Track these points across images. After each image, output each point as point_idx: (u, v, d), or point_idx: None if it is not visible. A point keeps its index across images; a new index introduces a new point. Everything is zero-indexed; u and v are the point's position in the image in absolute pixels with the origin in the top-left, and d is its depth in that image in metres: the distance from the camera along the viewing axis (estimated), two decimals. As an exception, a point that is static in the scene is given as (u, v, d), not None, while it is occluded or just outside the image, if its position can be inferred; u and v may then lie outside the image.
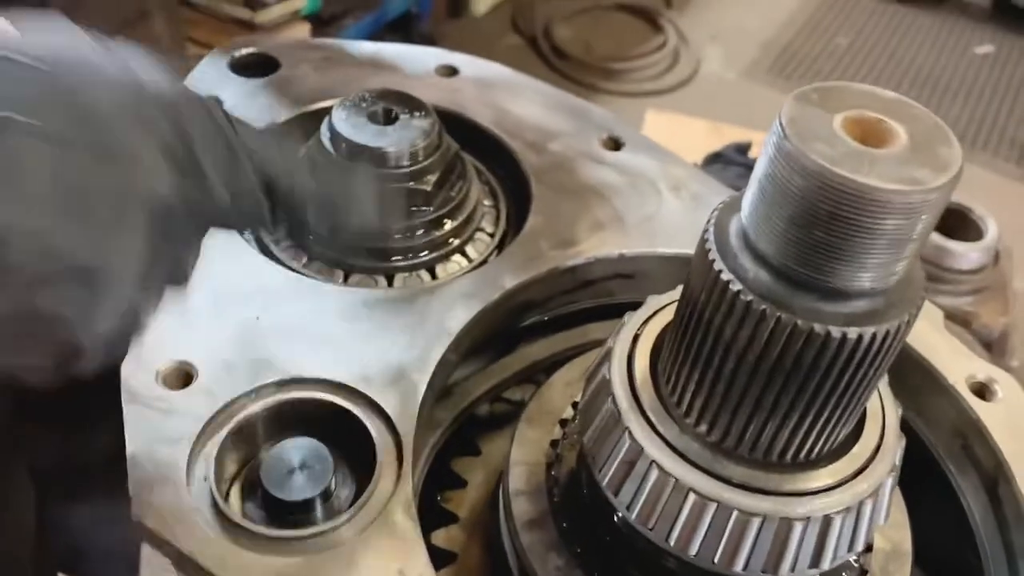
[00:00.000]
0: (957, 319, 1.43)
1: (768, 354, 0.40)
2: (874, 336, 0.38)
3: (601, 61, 3.88)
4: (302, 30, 3.03)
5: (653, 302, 0.50)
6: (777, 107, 0.40)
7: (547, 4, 4.07)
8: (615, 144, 0.73)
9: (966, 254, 1.41)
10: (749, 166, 1.74)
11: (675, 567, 0.47)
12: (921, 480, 0.60)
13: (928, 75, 4.10)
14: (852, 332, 0.38)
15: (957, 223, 1.47)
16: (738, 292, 0.39)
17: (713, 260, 0.40)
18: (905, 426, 0.60)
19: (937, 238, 1.43)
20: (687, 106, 3.61)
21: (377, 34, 3.39)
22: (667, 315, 0.49)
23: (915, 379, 0.60)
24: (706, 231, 0.42)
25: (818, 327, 0.38)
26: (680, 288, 0.46)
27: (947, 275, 1.43)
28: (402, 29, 3.63)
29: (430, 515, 0.59)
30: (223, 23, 2.92)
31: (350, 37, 3.22)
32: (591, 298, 0.66)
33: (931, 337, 0.61)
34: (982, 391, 0.59)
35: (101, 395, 1.18)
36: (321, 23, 3.13)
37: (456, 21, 3.94)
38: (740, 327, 0.40)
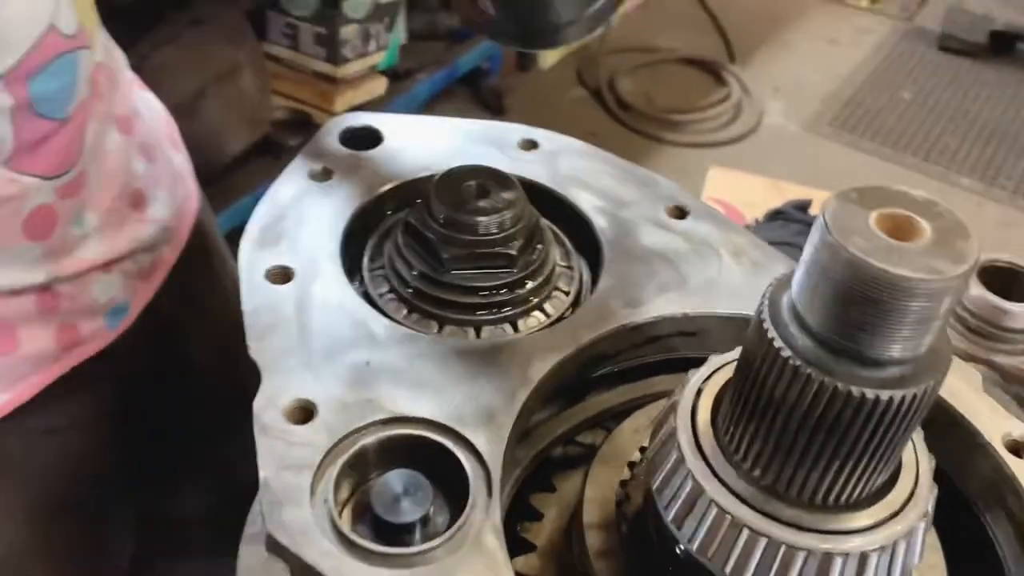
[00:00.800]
0: (1013, 377, 1.46)
1: (812, 412, 0.47)
2: (903, 398, 0.45)
3: (664, 113, 3.97)
4: (379, 83, 3.18)
5: (715, 360, 0.58)
6: (838, 160, 0.47)
7: (611, 58, 4.18)
8: (680, 212, 0.81)
9: (1022, 314, 1.44)
10: (808, 223, 1.79)
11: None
12: (959, 530, 0.66)
13: (995, 129, 4.09)
14: (884, 394, 0.45)
15: (1014, 284, 1.50)
16: (788, 358, 0.46)
17: (767, 329, 0.48)
18: (945, 480, 0.66)
19: (994, 299, 1.47)
20: (749, 157, 3.67)
21: (448, 88, 3.54)
22: (727, 372, 0.56)
23: (954, 437, 0.66)
24: (761, 303, 0.49)
25: (855, 390, 0.45)
26: (738, 348, 0.53)
27: (1004, 334, 1.46)
28: (472, 83, 3.78)
29: (510, 543, 0.66)
30: (306, 76, 3.08)
31: (424, 91, 3.38)
32: (657, 353, 0.74)
33: (970, 398, 0.67)
34: (1016, 448, 0.64)
35: (188, 450, 1.27)
36: (397, 77, 3.29)
37: (524, 75, 4.08)
38: (789, 388, 0.47)
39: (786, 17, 4.72)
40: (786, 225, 1.62)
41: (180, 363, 1.18)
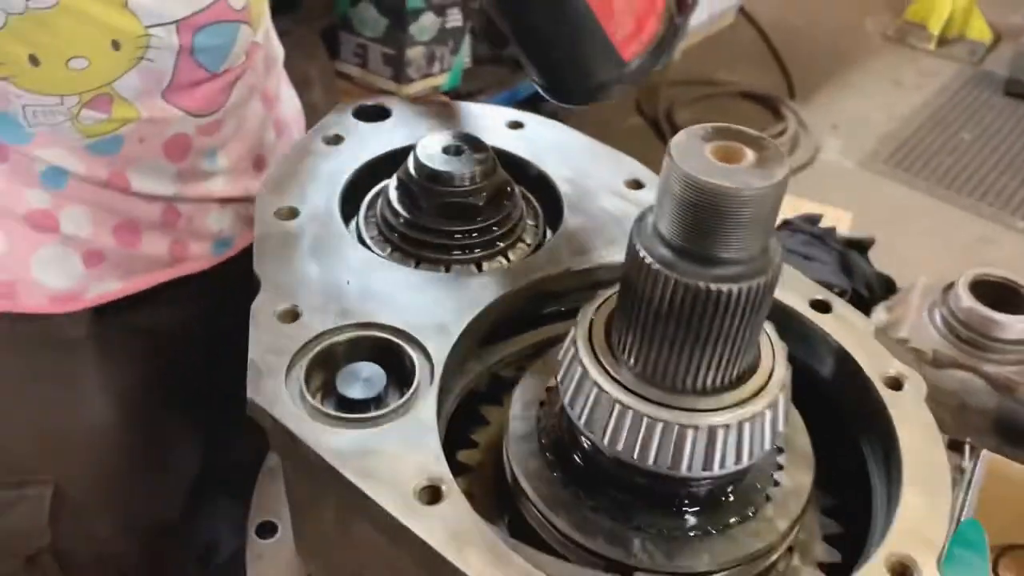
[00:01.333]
0: (1000, 385, 1.52)
1: (669, 306, 0.59)
2: (740, 291, 0.57)
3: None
4: (440, 102, 3.34)
5: (617, 287, 0.70)
6: (889, 197, 0.57)
7: (672, 89, 4.29)
8: (637, 184, 0.93)
9: (1012, 325, 1.50)
10: (815, 234, 1.88)
11: (608, 465, 0.66)
12: (840, 448, 0.76)
13: (1056, 174, 4.05)
14: (724, 287, 0.57)
15: (1007, 297, 1.56)
16: (648, 262, 0.59)
17: (634, 242, 0.60)
18: (830, 406, 0.77)
19: (984, 310, 1.53)
20: (801, 190, 3.72)
21: (507, 109, 3.68)
22: (625, 291, 0.68)
23: (843, 371, 0.77)
24: (633, 224, 0.61)
25: (701, 284, 0.57)
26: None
27: (994, 344, 1.52)
28: (531, 106, 3.93)
29: (461, 443, 0.79)
30: (373, 94, 3.28)
31: (482, 110, 3.53)
32: (599, 298, 0.86)
33: (861, 342, 0.77)
34: (894, 383, 0.74)
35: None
36: (459, 98, 3.46)
37: (582, 101, 4.20)
38: (651, 287, 0.59)
39: (851, 57, 4.78)
40: (793, 235, 1.71)
41: None
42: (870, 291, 1.94)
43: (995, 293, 1.58)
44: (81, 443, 1.16)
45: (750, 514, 0.68)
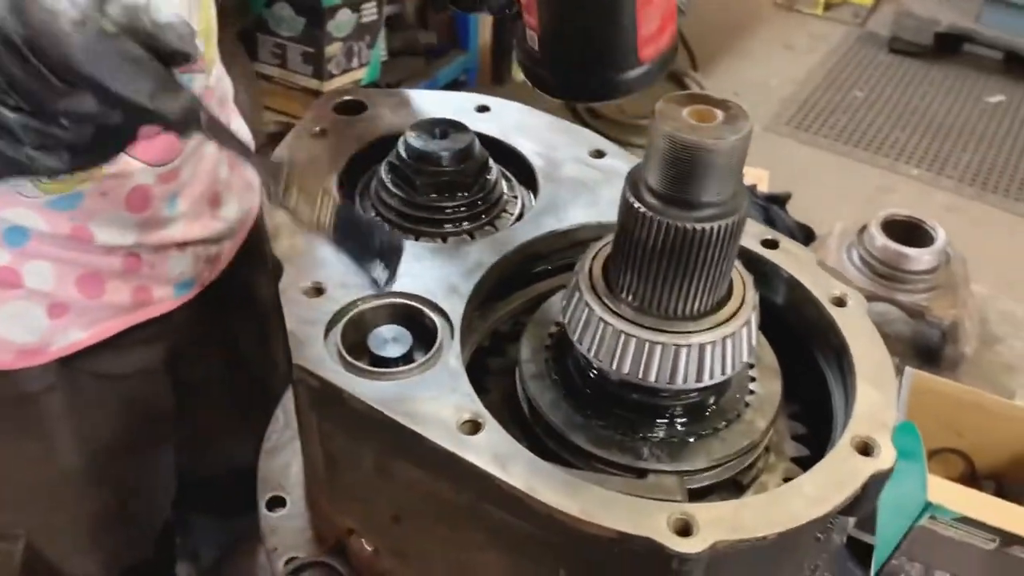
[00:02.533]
0: (913, 311, 1.71)
1: (658, 244, 0.71)
2: (714, 228, 0.69)
3: (631, 119, 4.22)
4: (363, 96, 3.40)
5: (608, 236, 0.81)
6: (796, 156, 0.67)
7: (582, 69, 4.42)
8: (599, 154, 1.05)
9: (919, 257, 1.70)
10: (757, 203, 2.04)
11: (614, 388, 0.78)
12: (799, 361, 0.89)
13: (942, 123, 4.36)
14: (700, 226, 0.69)
15: (914, 234, 1.76)
16: (639, 208, 0.70)
17: (627, 193, 0.72)
18: (787, 326, 0.90)
19: (895, 246, 1.72)
20: (712, 157, 3.89)
21: (428, 98, 3.75)
22: (614, 241, 0.80)
23: (796, 296, 0.90)
24: (625, 179, 0.73)
25: (681, 224, 0.69)
26: (622, 225, 0.77)
27: (905, 276, 1.72)
28: (450, 94, 4.01)
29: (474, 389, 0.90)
30: (295, 92, 3.32)
31: (405, 101, 3.60)
32: (580, 254, 0.97)
33: (807, 270, 0.91)
34: (838, 302, 0.88)
35: (222, 417, 1.46)
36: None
37: (500, 87, 4.32)
38: (643, 230, 0.71)
39: (744, 26, 5.02)
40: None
41: (226, 337, 1.39)
42: (793, 239, 2.11)
43: (903, 231, 1.77)
44: (52, 495, 1.20)
45: (734, 418, 0.80)
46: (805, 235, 2.11)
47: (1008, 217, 3.76)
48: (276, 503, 1.05)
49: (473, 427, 0.74)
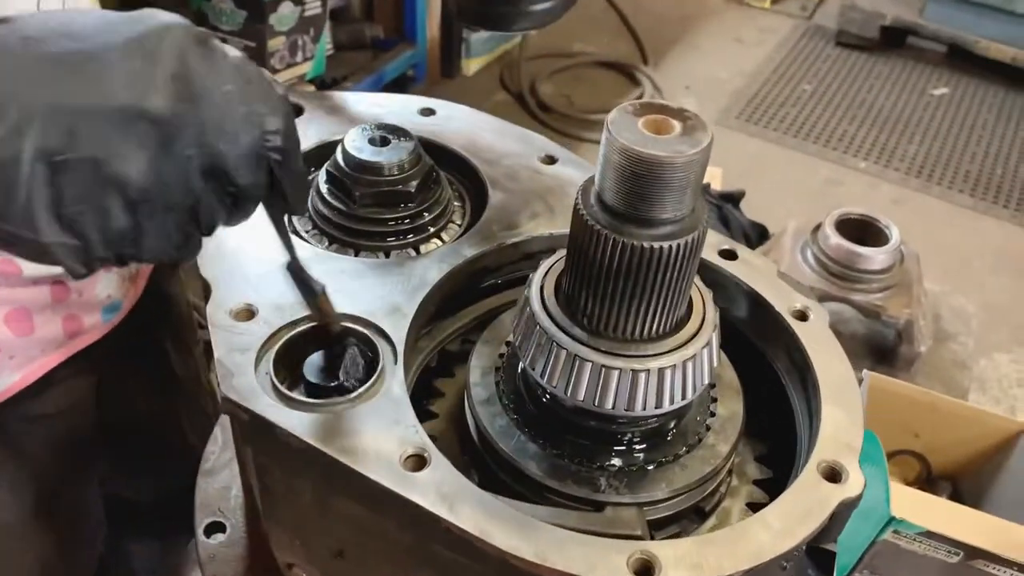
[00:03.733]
0: (868, 311, 1.69)
1: (613, 264, 0.66)
2: (673, 247, 0.64)
3: (582, 113, 4.19)
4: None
5: (559, 252, 0.76)
6: (746, 150, 0.63)
7: (532, 63, 4.39)
8: (551, 160, 1.00)
9: (874, 257, 1.68)
10: (711, 202, 2.01)
11: (569, 415, 0.73)
12: (760, 378, 0.86)
13: (888, 115, 4.40)
14: (658, 244, 0.64)
15: (868, 232, 1.74)
16: (593, 226, 0.65)
17: (579, 208, 0.67)
18: (748, 342, 0.86)
19: (849, 245, 1.70)
20: (664, 151, 3.87)
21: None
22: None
23: (756, 310, 0.86)
24: (577, 193, 0.68)
25: (637, 243, 0.64)
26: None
27: (859, 275, 1.70)
28: (399, 90, 3.95)
29: (419, 415, 0.84)
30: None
31: (351, 97, 3.52)
32: (531, 267, 0.92)
33: (768, 282, 0.87)
34: (800, 316, 0.84)
35: (149, 439, 1.40)
36: (324, 86, 3.44)
37: (449, 82, 4.25)
38: (596, 249, 0.66)
39: (693, 19, 5.00)
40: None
41: (150, 355, 1.34)
42: (747, 239, 2.09)
43: (857, 230, 1.75)
44: None
45: (695, 443, 0.76)
46: (759, 233, 2.09)
47: (952, 208, 3.80)
48: (215, 529, 0.99)
49: (418, 463, 0.68)
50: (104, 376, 1.21)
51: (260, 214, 0.83)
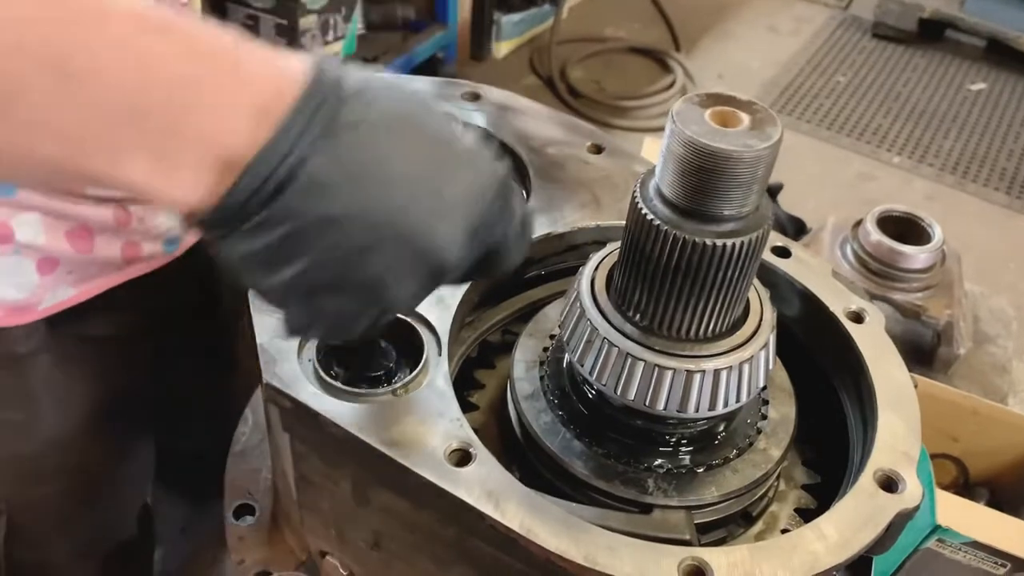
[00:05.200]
0: (908, 311, 1.65)
1: (672, 261, 0.64)
2: (735, 245, 0.62)
3: (612, 99, 4.14)
4: (339, 72, 3.31)
5: (610, 245, 0.74)
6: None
7: (563, 48, 4.34)
8: (597, 149, 0.98)
9: (916, 255, 1.64)
10: None
11: (615, 413, 0.71)
12: (810, 380, 0.83)
13: (924, 110, 4.32)
14: (720, 242, 0.62)
15: (909, 230, 1.70)
16: (652, 220, 0.63)
17: (638, 202, 0.64)
18: (800, 344, 0.84)
19: (891, 243, 1.66)
20: (694, 140, 3.82)
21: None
22: (617, 252, 0.73)
23: (809, 310, 0.84)
24: (635, 186, 0.66)
25: (699, 240, 0.62)
26: (628, 233, 0.69)
27: (900, 274, 1.66)
28: (429, 71, 3.92)
29: (460, 407, 0.82)
30: (268, 66, 3.19)
31: (382, 78, 3.51)
32: (576, 259, 0.90)
33: (822, 282, 0.85)
34: (855, 318, 0.82)
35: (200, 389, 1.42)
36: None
37: (478, 64, 4.22)
38: (655, 244, 0.64)
39: (727, 7, 4.93)
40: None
41: (207, 304, 1.34)
42: (784, 233, 2.05)
43: (899, 227, 1.71)
44: (35, 465, 1.15)
45: (746, 446, 0.74)
46: (796, 228, 2.05)
47: (987, 206, 3.74)
48: (244, 511, 0.98)
49: (463, 457, 0.67)
50: (158, 312, 1.21)
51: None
